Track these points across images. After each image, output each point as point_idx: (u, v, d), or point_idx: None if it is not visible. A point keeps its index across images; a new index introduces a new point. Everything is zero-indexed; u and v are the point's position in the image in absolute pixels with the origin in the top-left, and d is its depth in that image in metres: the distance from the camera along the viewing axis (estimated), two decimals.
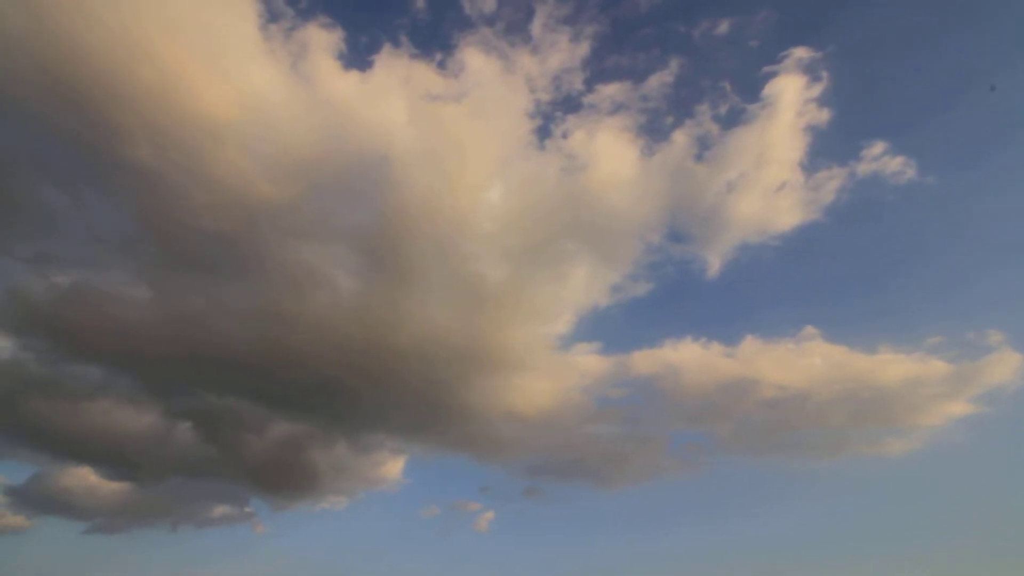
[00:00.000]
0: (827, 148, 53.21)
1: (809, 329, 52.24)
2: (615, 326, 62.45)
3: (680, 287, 62.77)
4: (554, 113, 59.77)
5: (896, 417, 49.99)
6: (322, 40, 56.10)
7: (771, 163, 53.03)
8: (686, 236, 60.60)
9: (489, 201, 62.57)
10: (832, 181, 52.69)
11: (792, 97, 50.99)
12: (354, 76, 55.38)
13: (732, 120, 54.39)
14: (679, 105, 57.53)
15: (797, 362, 52.20)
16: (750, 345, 55.17)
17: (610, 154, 57.55)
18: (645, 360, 57.64)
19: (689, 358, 57.85)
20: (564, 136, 59.24)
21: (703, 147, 55.59)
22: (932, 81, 54.78)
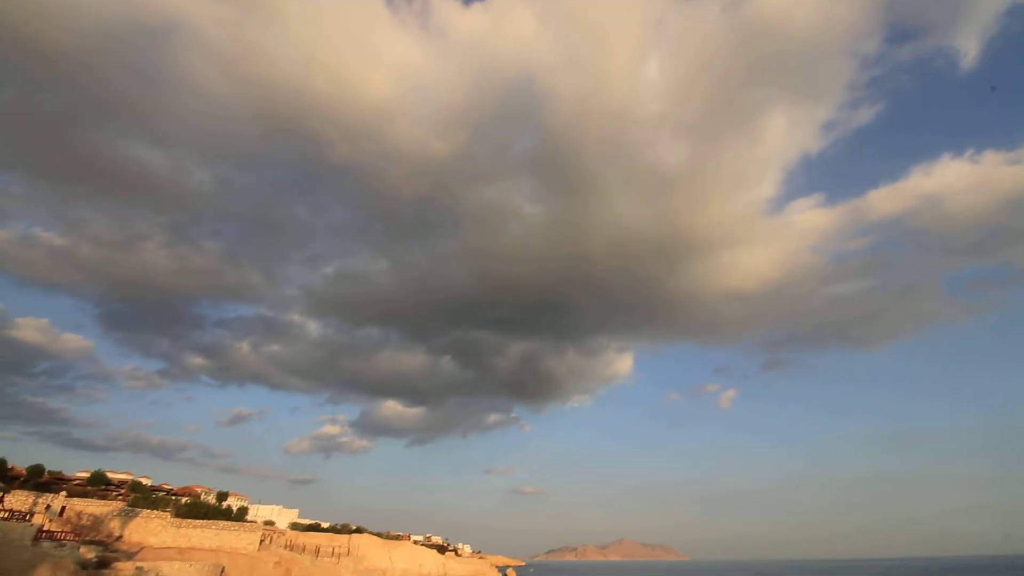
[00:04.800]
0: None
1: None
2: (837, 169, 50.11)
3: (921, 96, 45.84)
4: None
5: None
6: None
7: None
8: (917, 28, 44.99)
9: (648, 78, 54.96)
10: None
11: None
12: (476, 9, 51.44)
13: None
14: None
15: None
16: None
17: None
18: (886, 198, 45.90)
19: (952, 179, 44.47)
20: None
21: None
22: None
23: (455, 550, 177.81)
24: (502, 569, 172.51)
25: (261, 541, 47.31)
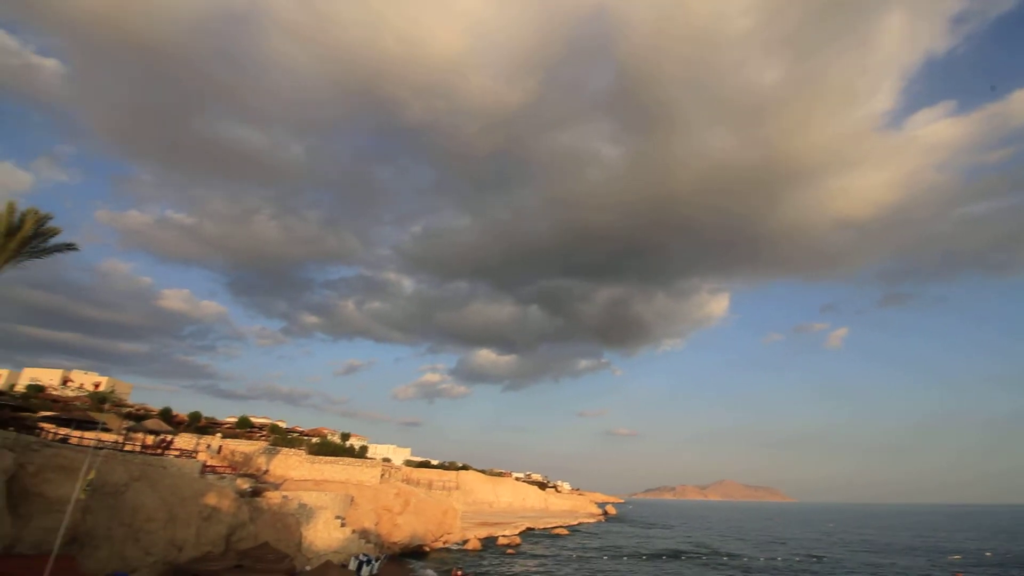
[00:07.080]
0: None
1: None
2: (969, 71, 39.15)
3: None
4: None
5: None
6: None
7: None
8: None
9: None
10: None
11: None
12: None
13: None
14: None
15: None
16: None
17: None
18: None
19: None
20: None
21: None
22: None
23: (555, 487, 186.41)
24: (601, 505, 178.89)
25: (381, 475, 52.54)
